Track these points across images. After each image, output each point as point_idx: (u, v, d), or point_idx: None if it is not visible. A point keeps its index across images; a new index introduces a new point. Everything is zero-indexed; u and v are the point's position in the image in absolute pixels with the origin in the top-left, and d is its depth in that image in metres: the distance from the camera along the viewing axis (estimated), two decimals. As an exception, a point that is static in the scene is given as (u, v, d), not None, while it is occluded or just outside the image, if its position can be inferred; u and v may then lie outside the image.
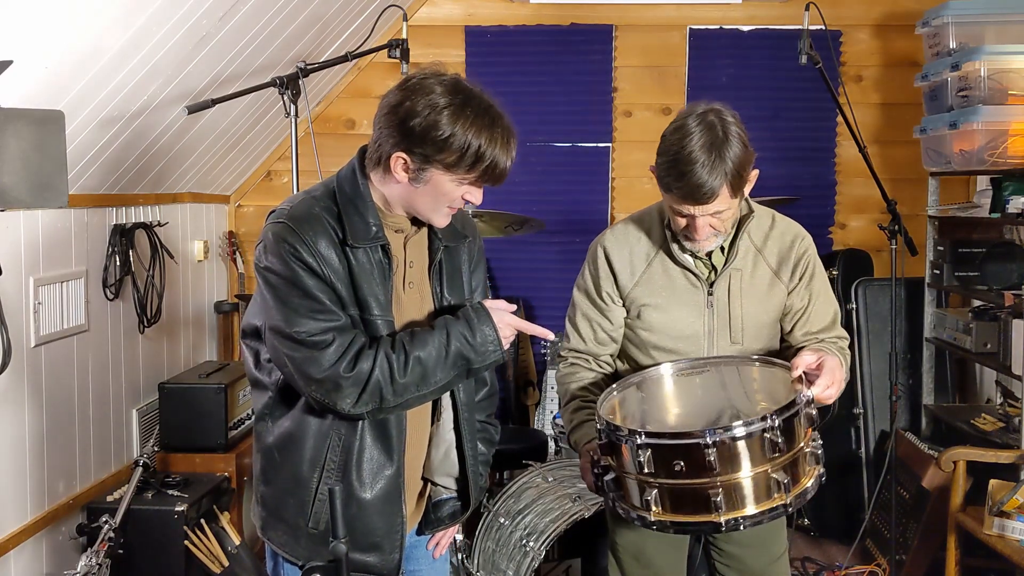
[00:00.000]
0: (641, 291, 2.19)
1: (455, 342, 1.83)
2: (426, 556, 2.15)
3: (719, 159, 1.94)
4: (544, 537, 2.97)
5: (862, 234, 4.66)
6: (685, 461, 1.81)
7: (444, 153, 1.74)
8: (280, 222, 1.79)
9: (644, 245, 2.21)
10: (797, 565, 3.91)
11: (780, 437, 1.80)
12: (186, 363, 4.12)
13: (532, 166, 4.59)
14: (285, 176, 4.69)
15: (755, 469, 1.81)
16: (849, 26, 4.59)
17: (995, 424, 3.65)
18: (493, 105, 1.80)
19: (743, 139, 1.99)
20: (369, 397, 1.79)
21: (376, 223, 1.83)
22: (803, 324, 2.21)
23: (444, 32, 4.64)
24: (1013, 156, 3.56)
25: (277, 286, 1.79)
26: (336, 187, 1.85)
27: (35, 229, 2.95)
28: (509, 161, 1.81)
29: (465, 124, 1.73)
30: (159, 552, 3.19)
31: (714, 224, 2.05)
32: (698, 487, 1.82)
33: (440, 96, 1.74)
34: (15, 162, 1.96)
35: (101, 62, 2.68)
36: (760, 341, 2.20)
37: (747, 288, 2.17)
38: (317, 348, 1.76)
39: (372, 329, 1.83)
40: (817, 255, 2.26)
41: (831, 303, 2.26)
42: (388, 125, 1.77)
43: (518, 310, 4.62)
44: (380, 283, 1.83)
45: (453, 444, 2.05)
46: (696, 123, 1.98)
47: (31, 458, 2.93)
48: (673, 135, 2.00)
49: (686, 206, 2.01)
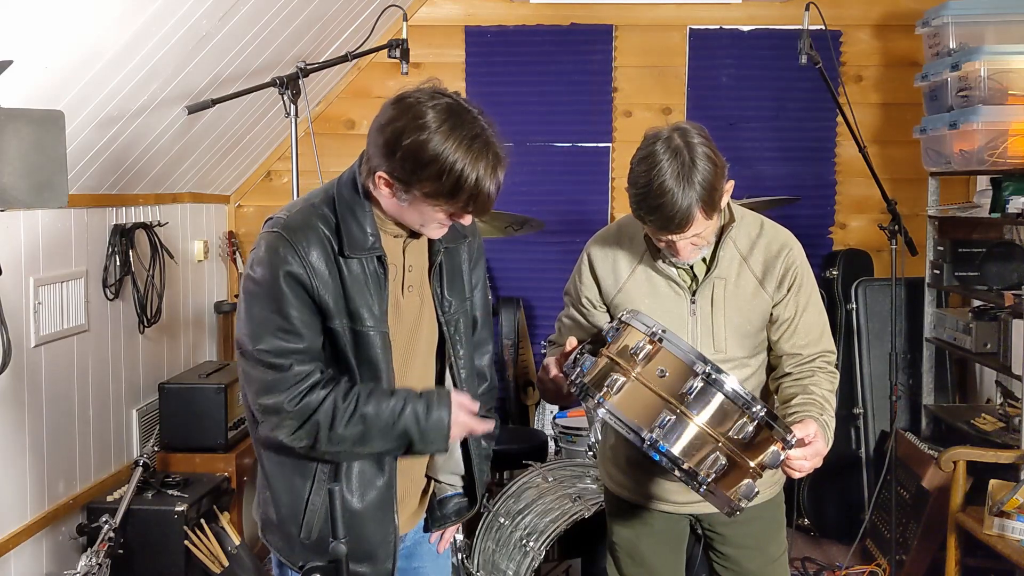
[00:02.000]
0: (624, 298, 2.19)
1: (407, 417, 1.81)
2: (430, 553, 2.14)
3: (688, 186, 1.91)
4: (544, 537, 2.97)
5: (862, 234, 4.66)
6: (671, 372, 1.81)
7: (423, 182, 1.71)
8: (274, 232, 1.79)
9: (629, 253, 2.21)
10: (797, 565, 3.92)
11: (749, 427, 1.78)
12: (186, 363, 4.12)
13: (532, 166, 4.60)
14: (285, 176, 4.70)
15: (707, 428, 1.79)
16: (849, 26, 4.59)
17: (995, 424, 3.65)
18: (485, 132, 1.72)
19: (712, 157, 1.95)
20: (305, 435, 1.79)
21: (373, 232, 1.82)
22: (789, 336, 2.17)
23: (444, 32, 4.64)
24: (1013, 156, 3.56)
25: (255, 295, 1.79)
26: (336, 193, 1.84)
27: (35, 229, 2.95)
28: (493, 192, 1.74)
29: (448, 153, 1.67)
30: (159, 552, 3.19)
31: (695, 242, 2.04)
32: (660, 399, 1.81)
33: (430, 120, 1.68)
34: (15, 162, 1.96)
35: (101, 62, 2.68)
36: (744, 350, 2.18)
37: (730, 297, 2.15)
38: (272, 370, 1.77)
39: (364, 341, 1.82)
40: (807, 265, 2.21)
41: (820, 315, 2.21)
42: (375, 143, 1.75)
43: (516, 310, 4.64)
44: (375, 293, 1.82)
45: (457, 442, 2.05)
46: (663, 150, 1.94)
47: (31, 458, 2.93)
48: (640, 165, 1.97)
49: (663, 235, 2.01)
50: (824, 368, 2.18)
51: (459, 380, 2.00)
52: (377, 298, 1.82)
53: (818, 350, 2.18)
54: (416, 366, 1.95)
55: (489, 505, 3.23)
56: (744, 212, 2.23)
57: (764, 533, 2.31)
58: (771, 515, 2.32)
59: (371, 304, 1.81)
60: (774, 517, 2.34)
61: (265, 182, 4.73)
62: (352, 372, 1.83)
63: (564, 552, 3.43)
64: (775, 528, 2.35)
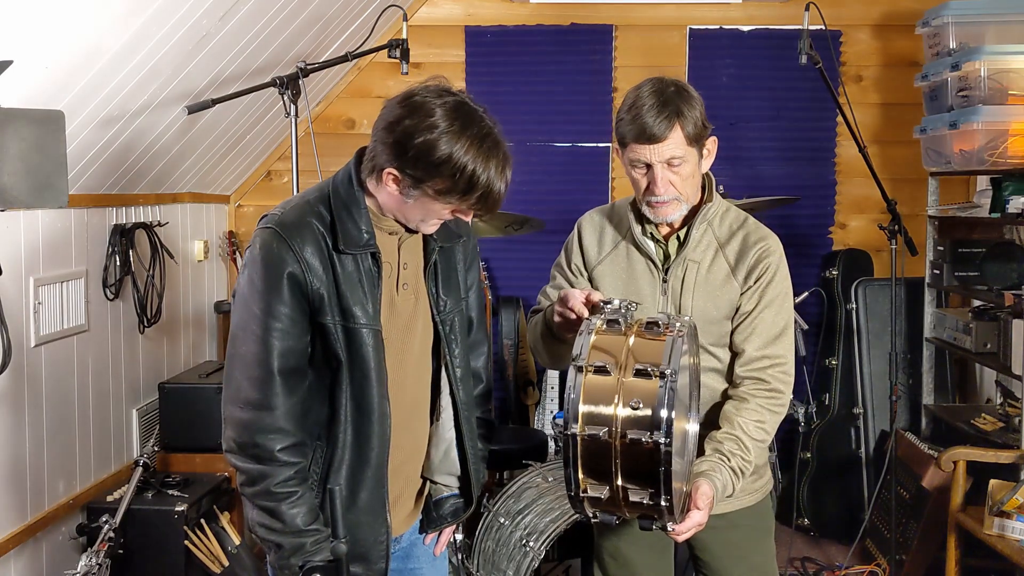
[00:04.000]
0: (603, 270, 2.24)
1: (291, 541, 1.81)
2: (427, 554, 2.14)
3: (669, 102, 2.03)
4: (544, 537, 2.97)
5: (862, 234, 4.66)
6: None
7: (436, 180, 1.72)
8: (268, 228, 1.80)
9: (614, 230, 2.27)
10: (797, 565, 3.92)
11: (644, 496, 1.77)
12: (186, 363, 4.12)
13: (532, 166, 4.60)
14: (285, 176, 4.70)
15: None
16: (849, 26, 4.59)
17: (995, 424, 3.65)
18: (493, 131, 1.74)
19: (696, 98, 2.08)
20: (237, 446, 1.82)
21: (368, 230, 1.83)
22: (745, 328, 2.14)
23: (444, 32, 4.64)
24: (1013, 156, 3.56)
25: (247, 293, 1.80)
26: (331, 191, 1.85)
27: (35, 229, 2.95)
28: (503, 190, 1.77)
29: (460, 152, 1.69)
30: (159, 552, 3.19)
31: (673, 181, 2.07)
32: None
33: (440, 119, 1.69)
34: (15, 162, 1.96)
35: (101, 62, 2.68)
36: (709, 336, 2.16)
37: (701, 282, 2.16)
38: (252, 409, 1.80)
39: (356, 338, 1.82)
40: (785, 270, 2.19)
41: (782, 317, 2.17)
42: (384, 140, 1.75)
43: (516, 310, 4.63)
44: (368, 291, 1.82)
45: (453, 443, 2.05)
46: (651, 81, 2.09)
47: (31, 458, 2.93)
48: (628, 94, 2.10)
49: (641, 149, 2.04)
50: (767, 384, 2.12)
51: (454, 380, 2.00)
52: (371, 296, 1.83)
53: (767, 352, 2.13)
54: (411, 364, 1.95)
55: (489, 505, 3.23)
56: (731, 205, 2.25)
57: (747, 541, 2.26)
58: (755, 523, 2.27)
59: (364, 301, 1.82)
60: (759, 524, 2.29)
61: (265, 182, 4.73)
62: (342, 370, 1.83)
63: (564, 552, 3.44)
64: (759, 535, 2.31)
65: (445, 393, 2.02)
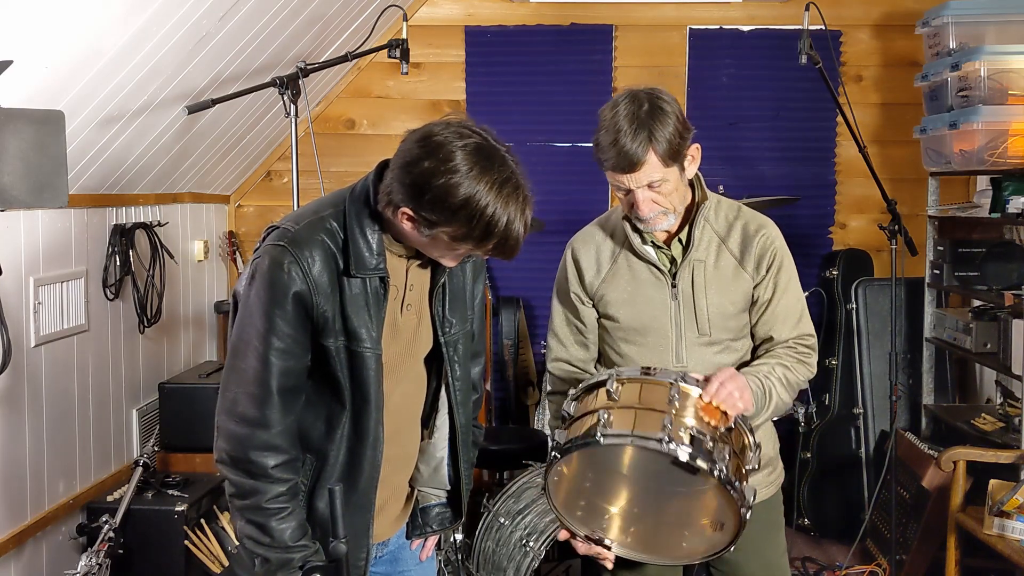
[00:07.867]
0: (607, 287, 2.22)
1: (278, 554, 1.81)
2: (413, 558, 2.14)
3: (642, 127, 1.99)
4: (544, 537, 2.97)
5: (862, 234, 4.66)
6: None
7: (452, 226, 1.67)
8: (279, 245, 1.75)
9: (610, 243, 2.25)
10: (797, 565, 3.92)
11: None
12: (186, 363, 4.12)
13: (532, 166, 4.54)
14: (285, 176, 4.69)
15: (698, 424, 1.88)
16: (849, 26, 4.59)
17: (995, 424, 3.65)
18: (514, 172, 1.69)
19: (675, 114, 2.03)
20: (230, 459, 1.79)
21: (380, 252, 1.79)
22: (768, 318, 2.19)
23: (444, 32, 4.64)
24: (1013, 156, 3.56)
25: (251, 308, 1.77)
26: (347, 208, 1.80)
27: (35, 229, 2.95)
28: (521, 236, 1.70)
29: (477, 200, 1.63)
30: (159, 552, 3.19)
31: (656, 199, 2.07)
32: (655, 412, 1.88)
33: (460, 163, 1.63)
34: (15, 162, 1.96)
35: (101, 62, 2.68)
36: (728, 332, 2.19)
37: (711, 279, 2.17)
38: (247, 426, 1.78)
39: (359, 361, 1.79)
40: (786, 249, 2.23)
41: (798, 300, 2.23)
42: (401, 180, 1.69)
43: (516, 310, 4.63)
44: (373, 313, 1.79)
45: (444, 461, 2.04)
46: (626, 97, 2.05)
47: (31, 458, 2.93)
48: (603, 112, 2.07)
49: (619, 177, 2.04)
50: (795, 348, 2.19)
51: (455, 402, 1.99)
52: (375, 318, 1.80)
53: (796, 334, 2.20)
54: (407, 384, 1.94)
55: (489, 505, 3.23)
56: (721, 198, 2.26)
57: (760, 536, 2.26)
58: (767, 516, 2.28)
59: (368, 324, 1.79)
60: (770, 519, 2.31)
61: (265, 182, 4.73)
62: (343, 392, 1.81)
63: (564, 552, 3.43)
64: (772, 530, 2.32)
65: (443, 412, 2.01)
